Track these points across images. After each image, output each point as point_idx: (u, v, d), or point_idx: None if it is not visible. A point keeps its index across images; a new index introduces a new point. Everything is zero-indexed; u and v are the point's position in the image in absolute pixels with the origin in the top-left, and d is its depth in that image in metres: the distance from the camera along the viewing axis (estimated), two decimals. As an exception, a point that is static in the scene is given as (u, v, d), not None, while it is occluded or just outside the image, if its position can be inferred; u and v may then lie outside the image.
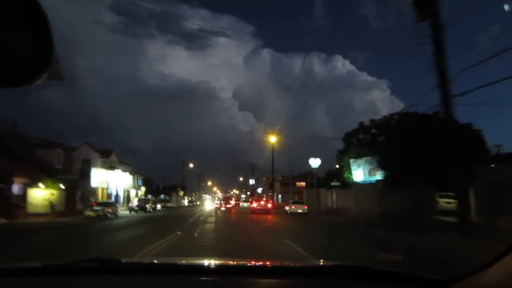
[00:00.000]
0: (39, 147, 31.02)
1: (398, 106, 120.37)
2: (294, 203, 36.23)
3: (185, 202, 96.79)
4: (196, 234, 15.57)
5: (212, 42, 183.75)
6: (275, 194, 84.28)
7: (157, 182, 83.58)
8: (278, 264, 2.29)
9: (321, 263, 2.30)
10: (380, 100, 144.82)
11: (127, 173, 49.62)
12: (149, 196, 78.01)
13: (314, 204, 41.26)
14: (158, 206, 49.01)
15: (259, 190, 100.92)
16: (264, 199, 61.87)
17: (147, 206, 41.81)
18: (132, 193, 54.28)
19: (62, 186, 31.37)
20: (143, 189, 61.86)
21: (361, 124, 31.65)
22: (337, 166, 36.53)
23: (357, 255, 9.44)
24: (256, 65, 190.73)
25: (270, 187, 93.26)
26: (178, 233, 14.97)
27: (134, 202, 43.68)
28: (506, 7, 13.76)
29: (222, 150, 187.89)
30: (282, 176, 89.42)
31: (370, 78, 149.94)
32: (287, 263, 2.31)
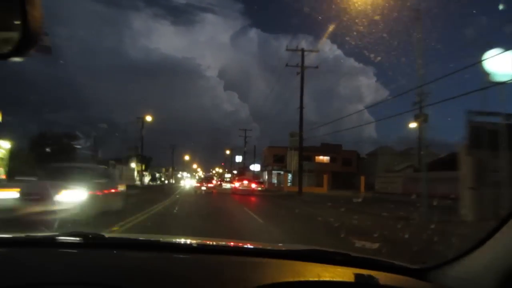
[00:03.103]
0: None
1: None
2: None
3: (145, 179, 64.37)
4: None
5: (199, 18, 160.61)
6: (285, 172, 51.61)
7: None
8: (257, 246, 2.19)
9: (299, 247, 2.02)
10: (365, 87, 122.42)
11: None
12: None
13: None
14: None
15: (256, 167, 68.17)
16: (261, 180, 48.77)
17: None
18: None
19: None
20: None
21: None
22: None
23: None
24: (243, 44, 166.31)
25: (274, 162, 60.83)
26: None
27: None
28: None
29: (205, 129, 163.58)
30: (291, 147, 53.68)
31: (357, 64, 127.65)
32: (264, 246, 2.19)
